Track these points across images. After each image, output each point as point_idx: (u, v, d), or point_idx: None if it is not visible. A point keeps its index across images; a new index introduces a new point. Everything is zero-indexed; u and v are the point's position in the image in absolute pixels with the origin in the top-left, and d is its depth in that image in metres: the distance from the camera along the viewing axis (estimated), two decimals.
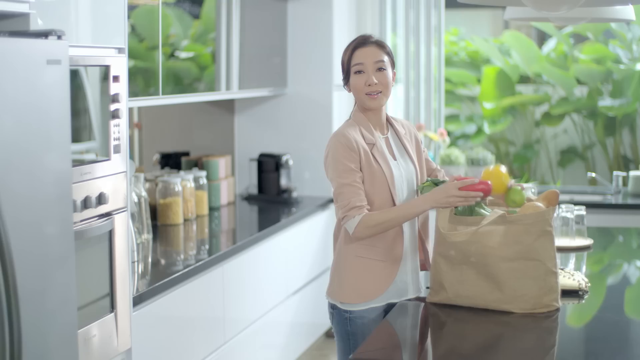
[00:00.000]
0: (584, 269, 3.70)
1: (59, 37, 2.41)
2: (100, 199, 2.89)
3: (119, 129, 3.00)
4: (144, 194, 4.19)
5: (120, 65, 3.01)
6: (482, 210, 3.01)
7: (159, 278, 3.53)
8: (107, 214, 2.97)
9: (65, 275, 2.47)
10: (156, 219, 4.64)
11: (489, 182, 2.99)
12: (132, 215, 3.95)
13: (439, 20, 6.34)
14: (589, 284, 3.23)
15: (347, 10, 5.85)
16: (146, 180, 4.76)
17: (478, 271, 2.90)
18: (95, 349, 2.90)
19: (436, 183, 3.05)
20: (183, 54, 4.73)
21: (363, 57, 3.13)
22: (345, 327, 3.16)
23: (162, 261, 3.92)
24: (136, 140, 5.91)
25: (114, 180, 3.00)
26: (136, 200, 4.10)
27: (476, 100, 8.50)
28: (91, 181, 2.85)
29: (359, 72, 3.13)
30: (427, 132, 6.09)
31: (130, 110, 5.73)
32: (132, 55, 4.11)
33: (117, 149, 3.00)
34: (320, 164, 5.77)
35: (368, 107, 3.15)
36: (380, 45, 3.16)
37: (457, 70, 8.52)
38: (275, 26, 5.57)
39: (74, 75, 2.89)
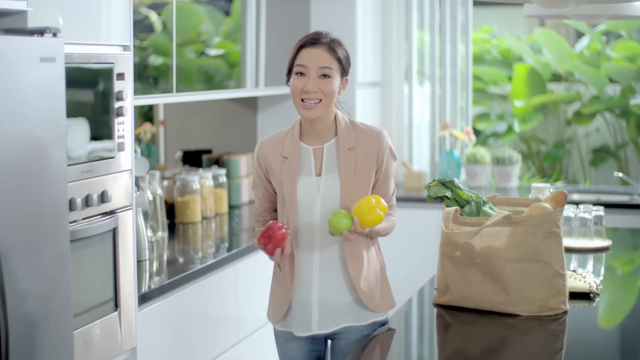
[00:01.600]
0: (602, 270, 3.64)
1: (54, 35, 2.39)
2: (103, 197, 2.87)
3: (124, 127, 2.99)
4: (159, 191, 4.18)
5: (124, 63, 2.99)
6: (490, 211, 2.96)
7: (170, 276, 3.51)
8: (111, 212, 2.96)
9: (60, 276, 2.45)
10: (174, 216, 4.64)
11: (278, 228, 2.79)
12: (146, 213, 3.94)
13: (467, 18, 6.28)
14: (601, 287, 3.17)
15: (371, 7, 5.80)
16: (165, 178, 4.76)
17: (483, 273, 2.86)
18: (97, 348, 2.88)
19: (443, 183, 3.00)
20: (213, 52, 4.73)
21: (308, 59, 2.81)
22: (275, 342, 3.07)
23: (175, 259, 3.91)
24: (162, 137, 5.92)
25: (118, 179, 2.99)
26: (151, 198, 4.10)
27: (508, 99, 8.41)
28: (93, 179, 2.84)
29: (300, 74, 2.82)
30: (452, 131, 6.03)
31: (156, 107, 5.74)
32: (162, 52, 4.11)
33: (121, 147, 2.99)
34: None
35: (301, 115, 2.87)
36: (332, 48, 2.82)
37: (488, 68, 8.44)
38: (298, 24, 5.53)
39: (107, 74, 2.90)
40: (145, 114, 5.65)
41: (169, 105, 5.62)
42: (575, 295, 3.07)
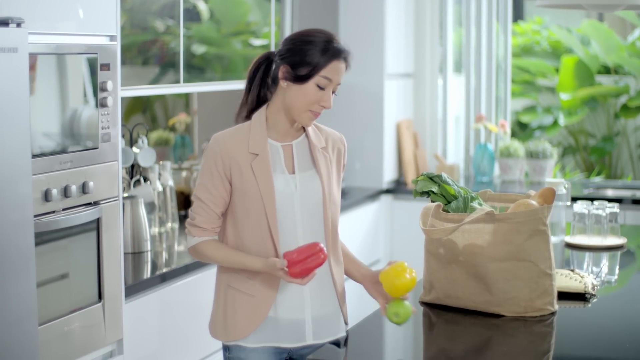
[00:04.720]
0: (616, 269, 3.52)
1: (18, 25, 2.38)
2: (84, 188, 2.86)
3: (108, 118, 2.97)
4: (170, 182, 4.17)
5: (109, 53, 2.97)
6: (478, 207, 2.86)
7: (167, 268, 3.49)
8: (95, 203, 2.94)
9: (22, 270, 2.42)
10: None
11: (322, 250, 2.54)
12: (152, 204, 3.93)
13: (506, 8, 6.14)
14: (598, 287, 3.06)
15: None
16: (182, 168, 4.75)
17: (467, 271, 2.77)
18: (76, 339, 2.87)
19: (431, 177, 2.91)
20: (257, 42, 4.70)
21: (335, 74, 2.62)
22: None
23: (179, 251, 3.88)
24: (196, 127, 5.91)
25: (102, 170, 2.97)
26: (161, 189, 4.08)
27: (555, 91, 8.23)
28: (72, 170, 2.82)
29: (322, 87, 2.62)
30: (486, 124, 5.91)
31: (192, 97, 5.73)
32: (208, 41, 4.09)
33: (105, 138, 2.96)
34: (372, 155, 5.70)
35: (300, 122, 2.67)
36: (349, 65, 2.66)
37: (535, 60, 8.27)
38: (327, 16, 5.49)
39: (91, 64, 2.89)
40: (187, 104, 5.66)
41: (204, 95, 5.60)
42: (571, 296, 2.97)
